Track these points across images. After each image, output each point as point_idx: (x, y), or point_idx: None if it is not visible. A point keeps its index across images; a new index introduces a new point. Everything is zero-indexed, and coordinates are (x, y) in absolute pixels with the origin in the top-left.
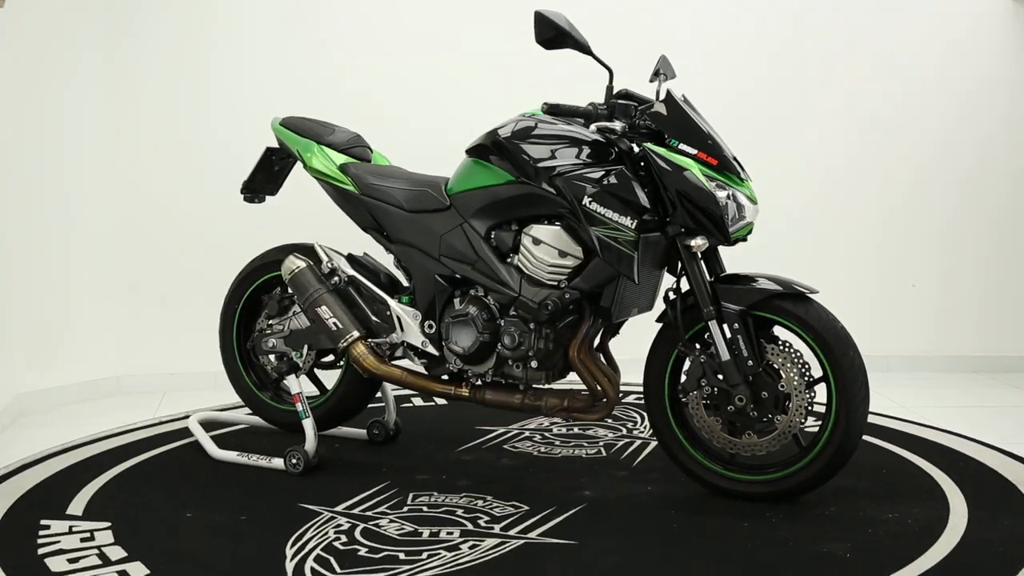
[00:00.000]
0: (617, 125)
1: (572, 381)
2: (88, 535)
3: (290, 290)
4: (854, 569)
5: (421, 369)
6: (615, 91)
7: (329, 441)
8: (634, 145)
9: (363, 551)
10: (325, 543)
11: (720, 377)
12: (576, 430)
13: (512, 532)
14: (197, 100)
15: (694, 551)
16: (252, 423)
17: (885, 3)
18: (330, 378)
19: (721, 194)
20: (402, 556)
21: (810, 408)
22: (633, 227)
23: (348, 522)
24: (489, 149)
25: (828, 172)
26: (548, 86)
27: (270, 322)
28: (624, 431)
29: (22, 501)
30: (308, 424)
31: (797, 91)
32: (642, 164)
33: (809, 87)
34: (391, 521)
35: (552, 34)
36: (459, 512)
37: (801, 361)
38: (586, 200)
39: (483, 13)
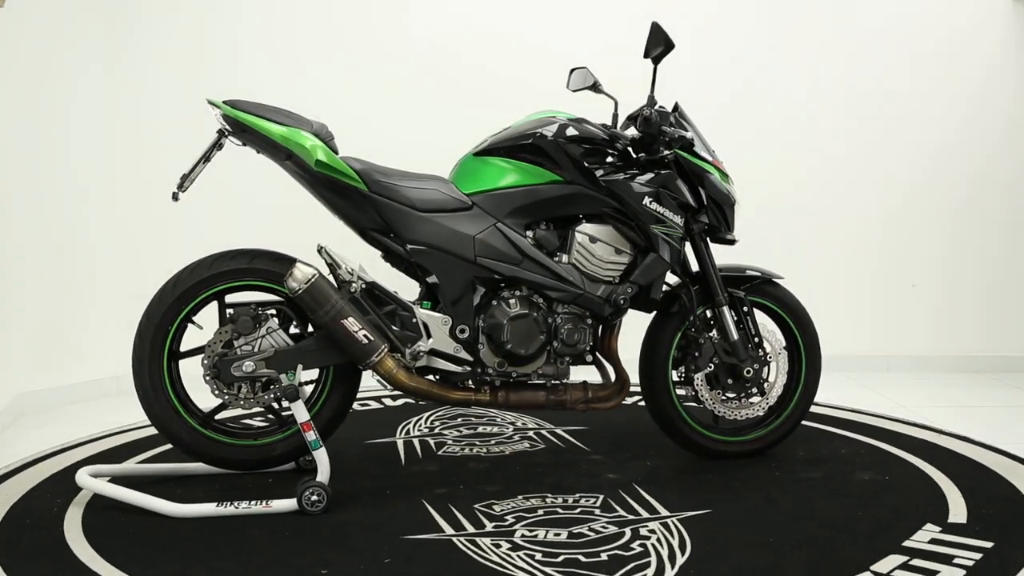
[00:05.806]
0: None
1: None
2: None
3: (301, 303)
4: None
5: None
6: (655, 102)
7: (257, 476)
8: (630, 149)
9: (582, 558)
10: (531, 563)
11: (729, 354)
12: (464, 430)
13: (644, 515)
14: (198, 100)
15: (796, 498)
16: (146, 471)
17: (885, 3)
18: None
19: (736, 196)
20: (624, 554)
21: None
22: (683, 224)
23: (498, 541)
24: (527, 149)
25: (829, 171)
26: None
27: (238, 343)
28: (511, 425)
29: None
30: (322, 454)
31: (797, 91)
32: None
33: (809, 87)
34: (530, 531)
35: (663, 46)
36: (559, 511)
37: (771, 333)
38: (647, 200)
39: (482, 14)
